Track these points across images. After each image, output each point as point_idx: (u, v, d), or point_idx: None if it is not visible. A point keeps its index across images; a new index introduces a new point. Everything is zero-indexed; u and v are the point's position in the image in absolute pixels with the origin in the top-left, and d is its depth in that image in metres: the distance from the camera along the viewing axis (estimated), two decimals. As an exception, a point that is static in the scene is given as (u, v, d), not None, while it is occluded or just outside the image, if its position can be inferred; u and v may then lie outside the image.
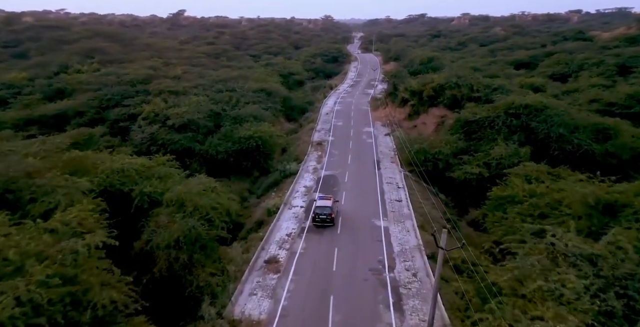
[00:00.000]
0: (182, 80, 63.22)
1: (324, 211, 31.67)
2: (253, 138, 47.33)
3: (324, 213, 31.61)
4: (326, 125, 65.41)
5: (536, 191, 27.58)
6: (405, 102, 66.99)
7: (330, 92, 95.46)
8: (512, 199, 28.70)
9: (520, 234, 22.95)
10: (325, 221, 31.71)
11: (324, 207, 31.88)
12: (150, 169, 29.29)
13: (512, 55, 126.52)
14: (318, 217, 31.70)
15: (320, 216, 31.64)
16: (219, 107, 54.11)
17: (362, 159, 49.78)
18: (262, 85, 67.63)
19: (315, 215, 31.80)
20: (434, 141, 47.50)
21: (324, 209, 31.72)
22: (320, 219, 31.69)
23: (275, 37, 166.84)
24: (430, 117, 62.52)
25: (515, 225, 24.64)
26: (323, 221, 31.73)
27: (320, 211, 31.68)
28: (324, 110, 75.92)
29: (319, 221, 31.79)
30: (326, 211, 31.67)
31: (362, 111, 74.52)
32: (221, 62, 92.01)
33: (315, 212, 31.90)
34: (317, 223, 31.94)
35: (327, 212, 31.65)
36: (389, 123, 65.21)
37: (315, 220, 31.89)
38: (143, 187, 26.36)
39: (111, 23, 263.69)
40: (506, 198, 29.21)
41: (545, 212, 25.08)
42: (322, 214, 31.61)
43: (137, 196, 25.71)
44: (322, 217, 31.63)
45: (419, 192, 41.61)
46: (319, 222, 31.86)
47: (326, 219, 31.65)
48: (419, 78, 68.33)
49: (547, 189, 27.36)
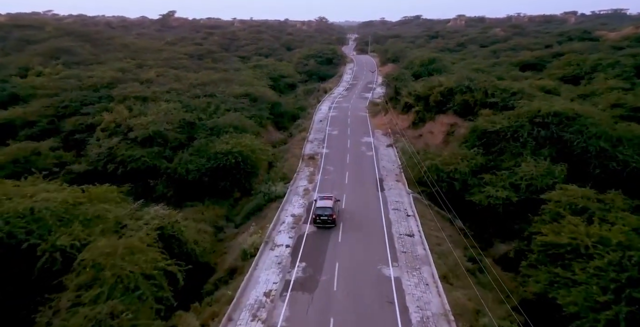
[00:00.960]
0: (154, 84, 55.33)
1: (325, 211, 30.87)
2: (232, 153, 39.50)
3: (325, 214, 30.83)
4: (320, 135, 57.68)
5: (610, 238, 19.83)
6: (409, 108, 59.43)
7: (325, 96, 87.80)
8: (573, 248, 20.94)
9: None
10: (327, 222, 30.93)
11: (325, 208, 31.08)
12: (77, 208, 21.35)
13: (517, 56, 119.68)
14: (319, 219, 30.95)
15: (321, 217, 30.87)
16: (193, 115, 46.23)
17: (362, 178, 42.08)
18: (247, 89, 59.86)
19: (316, 216, 31.00)
20: (448, 156, 39.80)
21: (325, 210, 30.92)
22: (322, 220, 30.92)
23: (267, 38, 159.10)
24: (437, 125, 54.99)
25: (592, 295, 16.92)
26: (324, 222, 30.95)
27: (321, 212, 30.88)
28: (318, 117, 68.21)
29: (320, 222, 31.03)
30: (327, 211, 30.87)
31: (360, 118, 66.88)
32: (205, 64, 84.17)
33: (315, 213, 31.09)
34: (319, 225, 31.13)
35: (328, 213, 30.84)
36: (391, 132, 57.59)
37: (316, 221, 31.09)
38: (56, 239, 18.46)
39: (97, 24, 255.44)
40: (564, 247, 21.43)
41: (635, 276, 17.43)
42: (323, 215, 30.82)
43: (43, 254, 17.81)
44: (324, 218, 30.84)
45: (432, 221, 33.95)
46: (320, 224, 31.06)
47: (327, 220, 30.88)
48: (424, 81, 60.81)
49: (624, 236, 19.63)
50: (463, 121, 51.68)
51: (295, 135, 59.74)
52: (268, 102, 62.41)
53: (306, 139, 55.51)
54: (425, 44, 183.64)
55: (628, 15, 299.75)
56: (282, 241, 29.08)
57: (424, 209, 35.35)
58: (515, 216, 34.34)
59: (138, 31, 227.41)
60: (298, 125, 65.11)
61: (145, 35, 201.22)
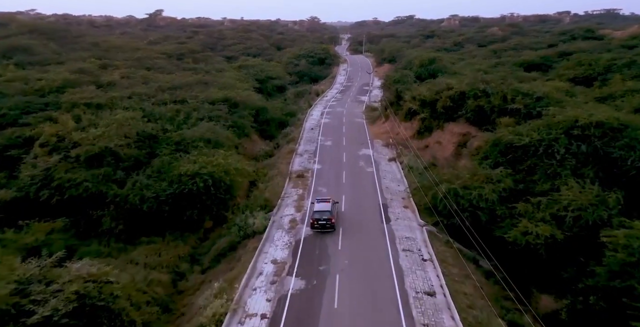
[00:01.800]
0: (116, 88, 47.13)
1: (323, 215, 29.20)
2: (201, 175, 31.58)
3: (323, 218, 29.16)
4: (311, 146, 49.87)
5: None
6: (413, 114, 51.79)
7: (317, 100, 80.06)
8: None
9: None
10: (325, 227, 29.32)
11: (323, 211, 29.36)
12: None
13: (520, 56, 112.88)
14: (317, 223, 29.34)
15: (319, 221, 29.24)
16: (156, 126, 38.18)
17: (362, 203, 34.30)
18: (227, 93, 51.87)
19: (314, 221, 29.39)
20: (469, 178, 32.11)
21: (323, 214, 29.24)
22: (320, 224, 29.30)
23: (255, 37, 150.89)
24: (447, 134, 47.46)
25: None
26: (323, 227, 29.32)
27: (319, 216, 29.24)
28: (308, 124, 60.37)
29: (319, 227, 29.39)
30: (325, 215, 29.18)
31: (356, 125, 59.16)
32: (184, 65, 76.00)
33: (313, 218, 29.45)
34: (317, 229, 29.49)
35: (326, 217, 29.14)
36: (393, 143, 49.93)
37: (314, 226, 29.45)
38: None
39: (80, 23, 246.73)
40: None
41: None
42: (322, 220, 29.18)
43: None
44: (322, 222, 29.21)
45: (456, 266, 26.31)
46: (319, 228, 29.42)
47: (326, 225, 29.27)
48: (429, 84, 53.19)
49: None
50: (477, 131, 44.22)
51: (282, 146, 51.86)
52: (252, 108, 54.49)
53: (295, 151, 47.66)
54: (420, 44, 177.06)
55: (621, 15, 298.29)
56: (256, 307, 21.15)
57: (444, 250, 27.66)
58: (562, 259, 26.86)
59: (122, 30, 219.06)
60: (286, 134, 57.24)
61: (129, 34, 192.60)
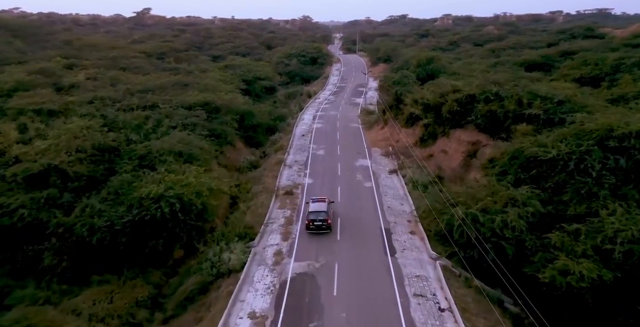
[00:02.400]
0: (78, 91, 41.28)
1: (318, 216, 27.89)
2: (166, 198, 26.00)
3: (319, 219, 27.82)
4: (301, 156, 44.46)
5: None
6: (415, 120, 46.53)
7: (309, 102, 74.65)
8: None
9: None
10: (321, 228, 27.91)
11: (319, 212, 28.11)
12: None
13: (520, 56, 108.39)
14: (312, 224, 27.91)
15: (314, 222, 27.85)
16: (120, 137, 32.47)
17: (361, 228, 28.93)
18: (208, 97, 46.20)
19: (309, 222, 28.00)
20: (490, 200, 26.84)
21: (318, 215, 27.95)
22: (316, 225, 27.86)
23: (245, 35, 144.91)
24: (453, 143, 42.28)
25: None
26: (319, 228, 27.90)
27: (314, 217, 27.92)
28: (299, 130, 54.92)
29: (314, 228, 27.94)
30: (321, 216, 27.88)
31: (352, 131, 53.82)
32: (164, 65, 70.12)
33: (309, 219, 28.10)
34: (312, 231, 28.02)
35: (322, 218, 27.82)
36: (392, 151, 44.67)
37: (310, 227, 28.04)
38: None
39: (64, 21, 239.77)
40: None
41: None
42: (317, 220, 27.81)
43: None
44: (317, 223, 27.79)
45: (480, 316, 21.04)
46: (314, 230, 27.96)
47: (322, 226, 27.86)
48: (432, 85, 47.93)
49: None
50: (489, 139, 39.12)
51: (270, 156, 46.32)
52: (236, 113, 48.90)
53: (283, 162, 42.17)
54: (415, 43, 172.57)
55: (613, 14, 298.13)
56: None
57: (464, 293, 22.34)
58: (613, 305, 21.74)
59: (108, 29, 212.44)
60: (275, 141, 51.75)
61: (114, 33, 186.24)
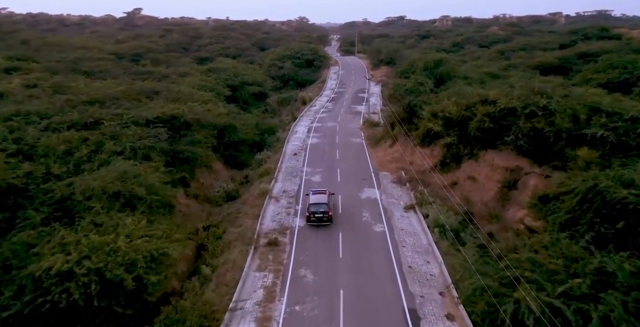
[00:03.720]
0: (6, 102, 32.02)
1: (319, 208, 27.56)
2: (77, 277, 16.88)
3: (320, 211, 27.50)
4: (291, 184, 35.39)
5: None
6: (434, 137, 37.42)
7: (303, 110, 65.68)
8: None
9: None
10: (322, 220, 27.61)
11: (320, 204, 27.75)
12: None
13: (533, 58, 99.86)
14: (313, 216, 27.58)
15: (315, 214, 27.52)
16: (38, 168, 23.27)
17: (371, 311, 19.85)
18: (177, 109, 36.97)
19: (310, 214, 27.62)
20: (574, 282, 17.77)
21: (319, 206, 27.61)
22: (317, 217, 27.56)
23: (236, 36, 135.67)
24: (484, 168, 33.38)
25: None
26: (320, 220, 27.61)
27: (315, 209, 27.58)
28: (291, 147, 45.87)
29: (315, 220, 27.62)
30: (322, 208, 27.58)
31: (354, 148, 44.77)
32: (138, 68, 60.86)
33: (309, 211, 27.69)
34: (313, 223, 27.69)
35: (323, 210, 27.52)
36: (407, 178, 35.64)
37: (311, 219, 27.68)
38: None
39: (50, 21, 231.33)
40: None
41: None
42: (318, 212, 27.49)
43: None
44: (318, 215, 27.51)
45: None
46: (315, 222, 27.66)
47: (323, 218, 27.56)
48: (454, 94, 38.86)
49: None
50: (532, 165, 30.29)
51: (253, 182, 37.22)
52: (213, 127, 39.82)
53: (268, 193, 33.05)
54: (416, 44, 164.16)
55: (613, 16, 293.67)
56: None
57: None
58: None
59: (94, 29, 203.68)
60: (261, 161, 42.67)
61: (100, 33, 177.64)
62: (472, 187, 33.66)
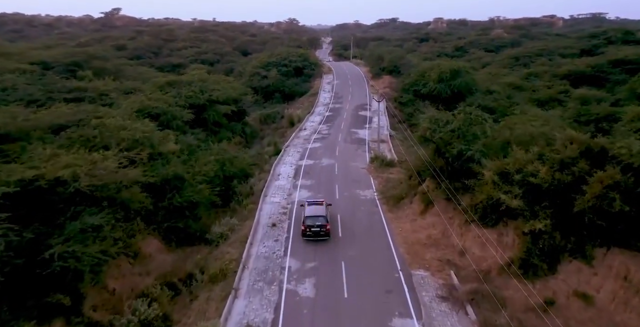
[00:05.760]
0: None
1: (316, 221, 25.15)
2: None
3: (316, 224, 25.05)
4: (262, 303, 20.21)
5: None
6: (503, 214, 22.36)
7: (290, 136, 50.59)
8: None
9: None
10: (319, 234, 25.21)
11: (317, 216, 25.24)
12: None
13: (559, 65, 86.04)
14: (309, 230, 25.16)
15: (312, 228, 25.08)
16: None
17: None
18: (64, 168, 21.30)
19: (306, 228, 25.19)
20: None
21: (316, 220, 25.17)
22: (313, 232, 25.16)
23: (215, 39, 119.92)
24: (607, 279, 18.71)
25: None
26: (316, 234, 25.19)
27: (311, 222, 25.15)
28: (269, 207, 30.63)
29: (312, 235, 25.24)
30: (319, 221, 25.17)
31: (364, 212, 29.51)
32: (65, 84, 44.76)
33: (305, 224, 25.23)
34: (310, 238, 25.32)
35: (320, 223, 25.10)
36: (466, 291, 20.65)
37: (307, 233, 25.33)
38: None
39: (17, 22, 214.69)
40: None
41: None
42: (315, 226, 25.06)
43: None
44: (315, 229, 25.07)
45: None
46: (312, 237, 25.27)
47: (320, 232, 25.15)
48: (525, 136, 23.94)
49: None
50: None
51: (199, 291, 21.92)
52: (128, 200, 24.12)
53: None
54: (415, 48, 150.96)
55: (607, 19, 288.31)
56: None
57: None
58: None
59: (63, 30, 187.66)
60: (221, 235, 27.39)
61: (67, 34, 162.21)
62: (586, 313, 18.85)
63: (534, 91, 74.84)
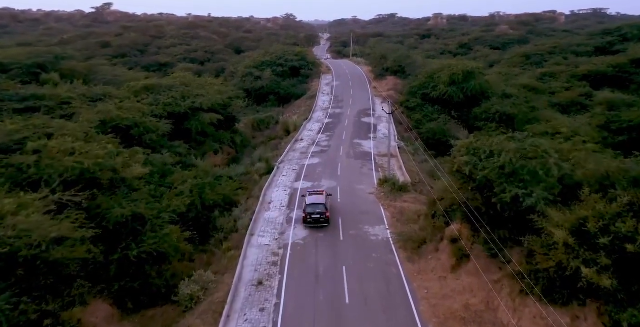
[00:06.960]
0: None
1: (316, 209, 26.62)
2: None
3: (317, 212, 26.56)
4: None
5: None
6: (582, 289, 16.16)
7: (285, 149, 44.07)
8: None
9: None
10: (319, 221, 26.70)
11: (317, 204, 26.81)
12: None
13: (576, 65, 79.65)
14: (310, 217, 26.65)
15: (312, 215, 26.58)
16: None
17: None
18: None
19: (307, 215, 26.70)
20: None
21: (316, 207, 26.67)
22: (313, 219, 26.66)
23: (208, 36, 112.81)
24: None
25: None
26: (316, 221, 26.71)
27: (312, 210, 26.63)
28: (255, 254, 24.15)
29: (312, 222, 26.75)
30: (319, 208, 26.63)
31: (376, 262, 23.03)
32: (19, 91, 37.91)
33: (306, 212, 26.73)
34: (310, 224, 26.80)
35: (320, 211, 26.56)
36: None
37: (307, 220, 26.81)
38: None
39: (2, 17, 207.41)
40: None
41: None
42: (315, 213, 26.56)
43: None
44: (315, 216, 26.59)
45: None
46: (312, 223, 26.77)
47: (320, 219, 26.65)
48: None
49: None
50: None
51: None
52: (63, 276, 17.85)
53: None
54: (417, 45, 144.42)
55: (608, 14, 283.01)
56: None
57: None
58: None
59: (49, 26, 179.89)
60: (189, 301, 20.94)
61: (54, 29, 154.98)
62: None
63: (552, 94, 68.69)
